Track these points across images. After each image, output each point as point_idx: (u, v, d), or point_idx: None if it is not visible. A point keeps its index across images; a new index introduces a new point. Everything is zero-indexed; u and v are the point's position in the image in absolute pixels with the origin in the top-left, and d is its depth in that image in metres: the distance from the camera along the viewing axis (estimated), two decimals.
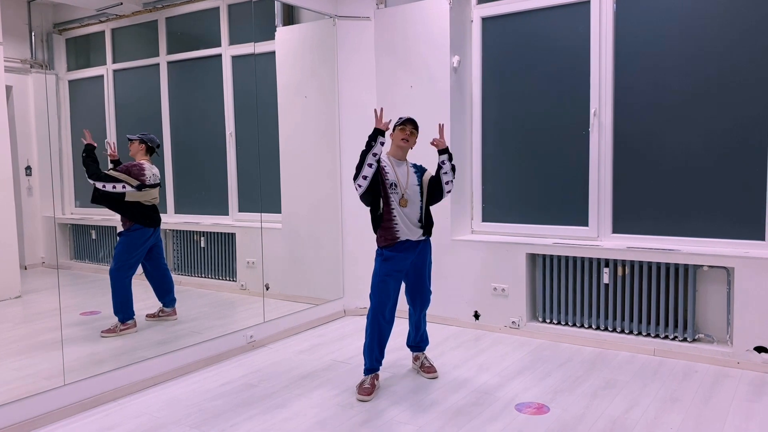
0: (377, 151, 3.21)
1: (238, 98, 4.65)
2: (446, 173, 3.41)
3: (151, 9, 4.25)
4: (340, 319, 4.95)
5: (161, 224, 4.12)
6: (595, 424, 2.90)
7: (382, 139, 3.22)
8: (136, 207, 3.95)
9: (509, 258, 4.37)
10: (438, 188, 3.43)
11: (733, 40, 3.71)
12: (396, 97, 4.76)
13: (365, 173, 3.22)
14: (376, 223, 3.36)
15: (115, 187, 3.84)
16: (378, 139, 3.21)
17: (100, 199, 3.85)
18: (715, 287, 3.83)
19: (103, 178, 3.79)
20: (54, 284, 3.39)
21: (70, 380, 3.17)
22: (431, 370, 3.60)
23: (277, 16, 4.85)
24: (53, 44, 3.85)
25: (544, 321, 4.36)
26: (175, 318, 4.22)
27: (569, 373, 3.60)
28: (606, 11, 4.08)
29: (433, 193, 3.44)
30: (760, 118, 3.66)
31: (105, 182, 3.80)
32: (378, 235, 3.39)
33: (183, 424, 3.01)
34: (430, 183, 3.44)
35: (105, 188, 3.81)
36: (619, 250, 3.99)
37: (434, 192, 3.44)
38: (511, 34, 4.50)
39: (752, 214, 3.72)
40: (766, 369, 3.54)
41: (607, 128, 4.13)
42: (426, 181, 3.45)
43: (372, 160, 3.21)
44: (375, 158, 3.22)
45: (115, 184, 3.84)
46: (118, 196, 3.87)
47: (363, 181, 3.23)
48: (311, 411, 3.13)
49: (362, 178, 3.22)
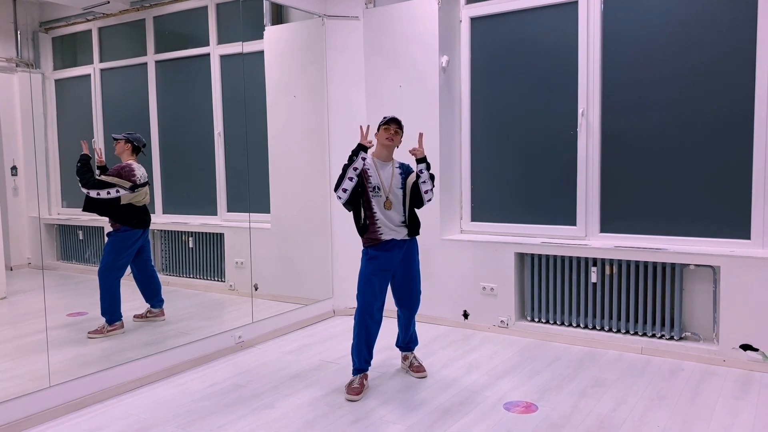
0: (358, 165, 3.29)
1: (226, 98, 4.63)
2: (424, 182, 3.39)
3: (139, 8, 4.23)
4: (330, 319, 4.94)
5: (150, 225, 4.09)
6: (583, 423, 2.92)
7: (363, 155, 3.30)
8: (129, 209, 3.92)
9: (498, 257, 4.38)
10: (418, 196, 3.43)
11: (720, 42, 3.74)
12: (385, 96, 4.76)
13: (345, 186, 3.29)
14: (360, 230, 3.40)
15: (110, 193, 3.81)
16: (360, 155, 3.29)
17: (92, 207, 3.81)
18: (701, 286, 3.86)
19: (96, 186, 3.76)
20: (40, 285, 3.36)
21: (56, 382, 3.15)
22: (420, 370, 3.61)
23: (265, 15, 4.84)
24: (39, 43, 3.82)
25: (533, 320, 4.38)
26: (163, 319, 4.20)
27: (557, 372, 3.61)
28: (594, 11, 4.10)
29: (414, 199, 3.44)
30: (745, 118, 3.69)
31: (99, 189, 3.77)
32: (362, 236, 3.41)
33: (170, 425, 2.99)
34: (412, 189, 3.43)
35: (99, 196, 3.78)
36: (607, 249, 4.01)
37: (415, 198, 3.44)
38: (500, 34, 4.51)
39: (738, 214, 3.75)
40: (752, 367, 3.58)
41: (595, 128, 4.15)
42: (409, 184, 3.43)
43: (352, 174, 3.28)
44: (356, 172, 3.29)
45: (109, 190, 3.81)
46: (113, 202, 3.84)
47: (343, 193, 3.30)
48: (300, 411, 3.13)
49: (342, 191, 3.30)
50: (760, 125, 3.64)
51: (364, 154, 3.31)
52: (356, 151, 3.29)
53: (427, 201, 3.44)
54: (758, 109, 3.64)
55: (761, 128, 3.64)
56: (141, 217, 4.00)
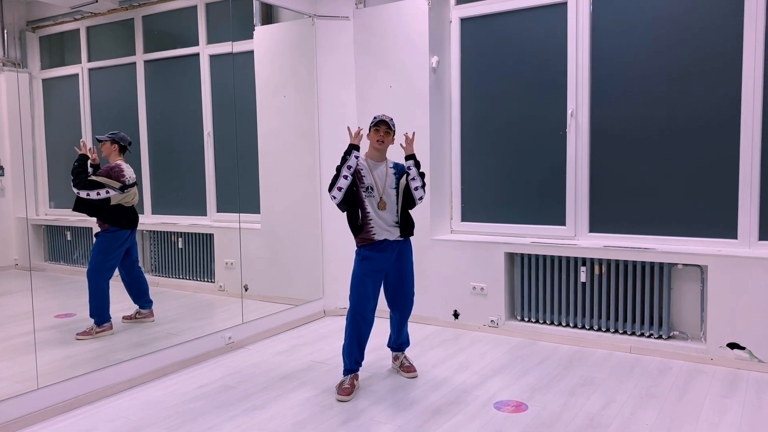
0: (352, 163, 3.30)
1: (216, 98, 4.61)
2: (413, 179, 3.39)
3: (128, 7, 4.20)
4: (320, 319, 4.94)
5: (138, 225, 4.07)
6: (573, 421, 2.93)
7: (356, 153, 3.31)
8: (118, 210, 3.90)
9: (488, 257, 4.39)
10: (410, 196, 3.42)
11: (708, 42, 3.78)
12: (375, 96, 4.76)
13: (340, 184, 3.29)
14: (355, 230, 3.38)
15: (99, 194, 3.79)
16: (353, 153, 3.30)
17: (82, 207, 3.79)
18: (689, 285, 3.89)
19: (87, 186, 3.74)
20: (27, 286, 3.33)
21: (45, 384, 3.12)
22: (410, 370, 3.61)
23: (255, 15, 4.82)
24: (26, 42, 3.79)
25: (523, 320, 4.40)
26: (152, 320, 4.17)
27: (547, 371, 3.63)
28: (582, 13, 4.12)
29: (406, 199, 3.43)
30: (733, 119, 3.73)
31: (89, 190, 3.75)
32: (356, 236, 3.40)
33: (160, 426, 2.98)
34: (405, 189, 3.42)
35: (89, 196, 3.76)
36: (596, 249, 4.04)
37: (407, 198, 3.43)
38: (490, 34, 4.53)
39: (725, 214, 3.79)
40: (739, 365, 3.61)
41: (584, 129, 4.17)
42: (402, 184, 3.42)
43: (347, 172, 3.29)
44: (350, 170, 3.29)
45: (99, 190, 3.78)
46: (102, 202, 3.82)
47: (338, 192, 3.29)
48: (290, 412, 3.12)
49: (337, 189, 3.29)
50: (746, 125, 3.68)
51: (357, 153, 3.31)
52: (348, 151, 3.30)
53: (418, 199, 3.41)
54: (744, 109, 3.67)
55: (747, 128, 3.68)
56: (130, 217, 3.99)
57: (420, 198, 3.43)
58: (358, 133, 3.35)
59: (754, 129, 3.66)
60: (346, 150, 3.31)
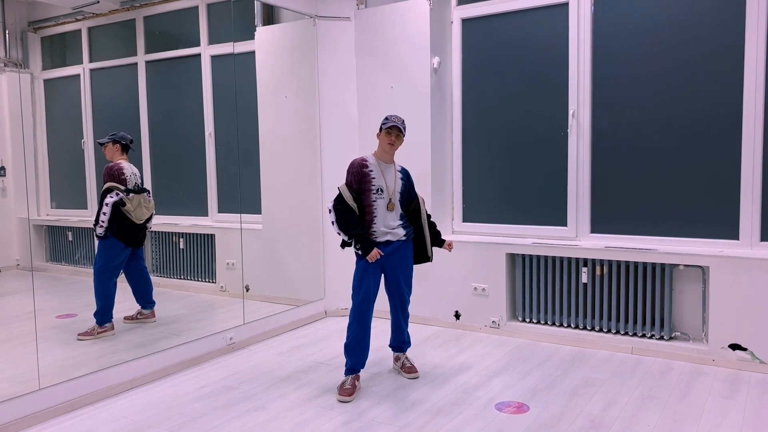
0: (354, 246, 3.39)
1: (217, 98, 4.61)
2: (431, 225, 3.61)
3: (129, 8, 4.20)
4: (321, 320, 4.94)
5: (142, 245, 4.04)
6: (574, 422, 2.93)
7: (359, 252, 3.36)
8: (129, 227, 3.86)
9: (489, 258, 4.39)
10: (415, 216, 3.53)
11: (709, 43, 3.78)
12: (376, 97, 4.76)
13: (343, 236, 3.38)
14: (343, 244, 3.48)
15: (111, 197, 3.78)
16: (360, 252, 3.35)
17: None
18: (690, 286, 3.89)
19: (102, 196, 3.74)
20: (29, 287, 3.33)
21: (46, 384, 3.12)
22: (412, 370, 3.61)
23: (256, 15, 4.82)
24: (28, 43, 3.79)
25: (524, 320, 4.39)
26: (153, 320, 4.17)
27: (548, 372, 3.63)
28: (584, 13, 4.12)
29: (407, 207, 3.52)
30: (735, 119, 3.72)
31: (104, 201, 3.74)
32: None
33: (161, 427, 2.98)
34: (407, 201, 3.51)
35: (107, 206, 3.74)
36: (598, 249, 4.03)
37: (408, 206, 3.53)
38: (491, 35, 4.53)
39: (727, 215, 3.79)
40: (741, 366, 3.61)
41: (586, 129, 4.17)
42: (405, 193, 3.51)
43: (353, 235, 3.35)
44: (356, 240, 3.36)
45: (111, 194, 3.78)
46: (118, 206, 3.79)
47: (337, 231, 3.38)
48: (292, 413, 3.12)
49: (338, 233, 3.38)
50: (748, 126, 3.68)
51: (360, 253, 3.36)
52: (363, 250, 3.31)
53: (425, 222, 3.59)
54: (747, 109, 3.67)
55: (749, 128, 3.67)
56: (135, 235, 3.93)
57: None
58: (375, 255, 3.31)
59: (756, 129, 3.66)
60: (363, 246, 3.30)
